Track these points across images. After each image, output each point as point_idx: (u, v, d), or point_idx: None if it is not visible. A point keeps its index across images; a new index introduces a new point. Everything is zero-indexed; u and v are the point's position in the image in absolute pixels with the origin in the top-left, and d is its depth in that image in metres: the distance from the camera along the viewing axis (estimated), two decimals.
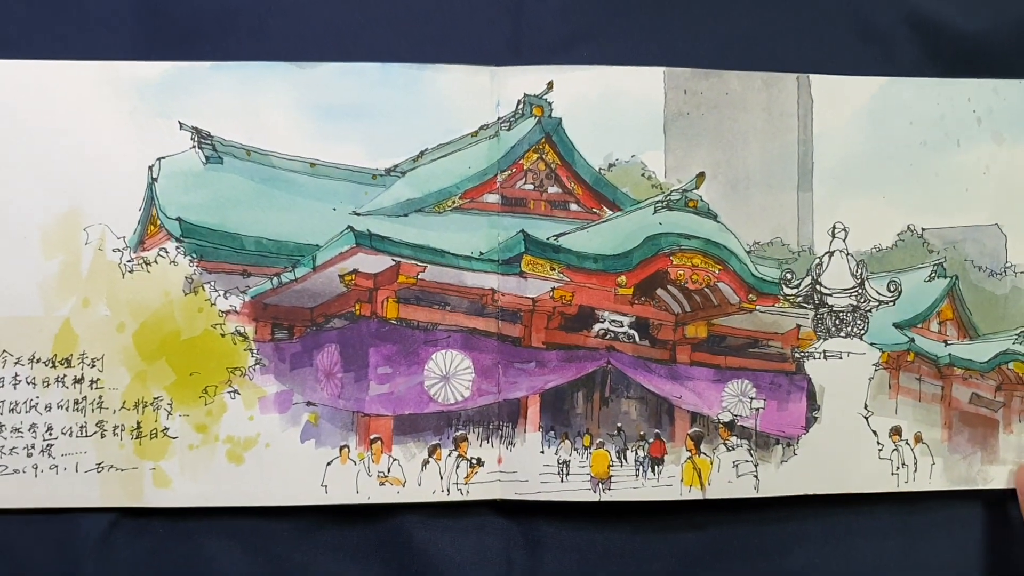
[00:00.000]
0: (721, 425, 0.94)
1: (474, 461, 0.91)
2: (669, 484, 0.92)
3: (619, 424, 0.93)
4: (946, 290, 0.98)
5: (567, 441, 0.92)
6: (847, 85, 0.96)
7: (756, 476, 0.93)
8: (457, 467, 0.91)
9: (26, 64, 0.90)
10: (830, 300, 0.95)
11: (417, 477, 0.90)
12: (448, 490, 0.90)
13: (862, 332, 0.96)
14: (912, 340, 0.97)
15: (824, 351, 0.95)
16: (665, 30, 0.97)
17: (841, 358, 0.95)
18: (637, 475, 0.92)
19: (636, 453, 0.92)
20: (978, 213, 0.97)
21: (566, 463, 0.91)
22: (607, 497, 0.91)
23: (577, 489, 0.91)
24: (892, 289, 0.96)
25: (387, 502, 0.90)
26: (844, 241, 0.95)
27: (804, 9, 0.98)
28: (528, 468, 0.91)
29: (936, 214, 0.97)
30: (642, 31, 0.96)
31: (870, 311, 0.96)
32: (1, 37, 0.92)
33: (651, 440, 0.93)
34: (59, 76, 0.90)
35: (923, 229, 0.97)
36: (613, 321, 0.93)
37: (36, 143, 0.90)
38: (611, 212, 0.94)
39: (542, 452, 0.91)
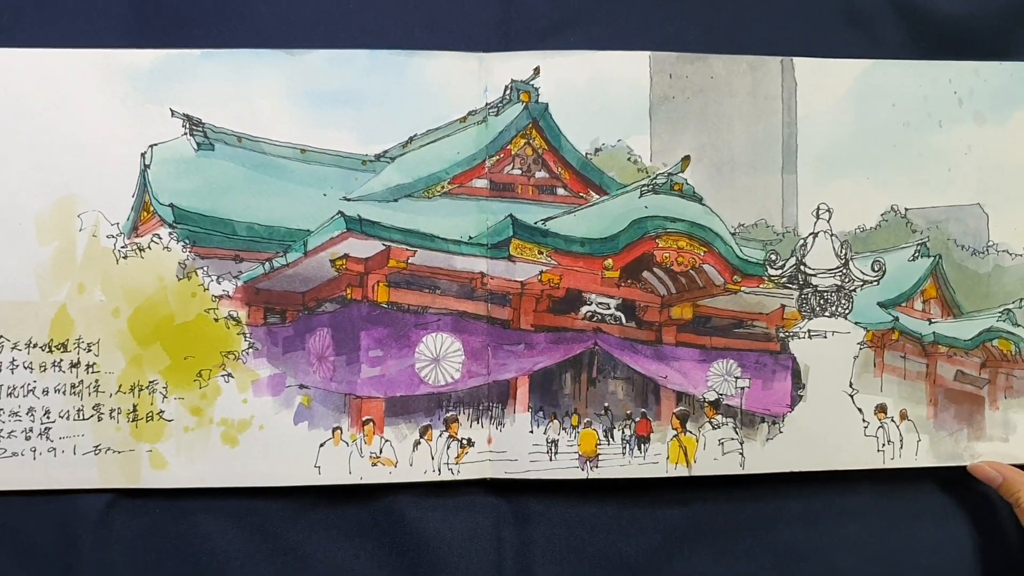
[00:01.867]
0: (707, 404, 0.95)
1: (464, 441, 0.92)
2: (655, 462, 0.93)
3: (606, 404, 0.94)
4: (929, 269, 0.99)
5: (555, 421, 0.93)
6: (831, 68, 0.97)
7: (741, 454, 0.95)
8: (448, 447, 0.92)
9: (19, 52, 0.91)
10: (814, 280, 0.96)
11: (409, 457, 0.92)
12: (439, 470, 0.92)
13: (846, 311, 0.97)
14: (896, 319, 0.98)
15: (809, 330, 0.96)
16: (653, 14, 0.98)
17: (826, 337, 0.96)
18: (624, 453, 0.93)
19: (623, 432, 0.94)
20: (960, 193, 0.98)
21: (554, 442, 0.93)
22: (594, 475, 0.93)
23: (565, 467, 0.92)
24: (876, 269, 0.97)
25: (379, 482, 0.91)
26: (828, 222, 0.96)
27: None
28: (517, 447, 0.92)
29: (919, 194, 0.98)
30: (629, 16, 0.97)
31: (854, 291, 0.97)
32: None
33: (637, 419, 0.94)
34: (52, 64, 0.91)
35: (906, 209, 0.98)
36: (600, 303, 0.94)
37: (29, 131, 0.91)
38: (598, 196, 0.95)
39: (531, 432, 0.92)
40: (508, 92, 0.93)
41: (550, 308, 0.94)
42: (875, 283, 0.98)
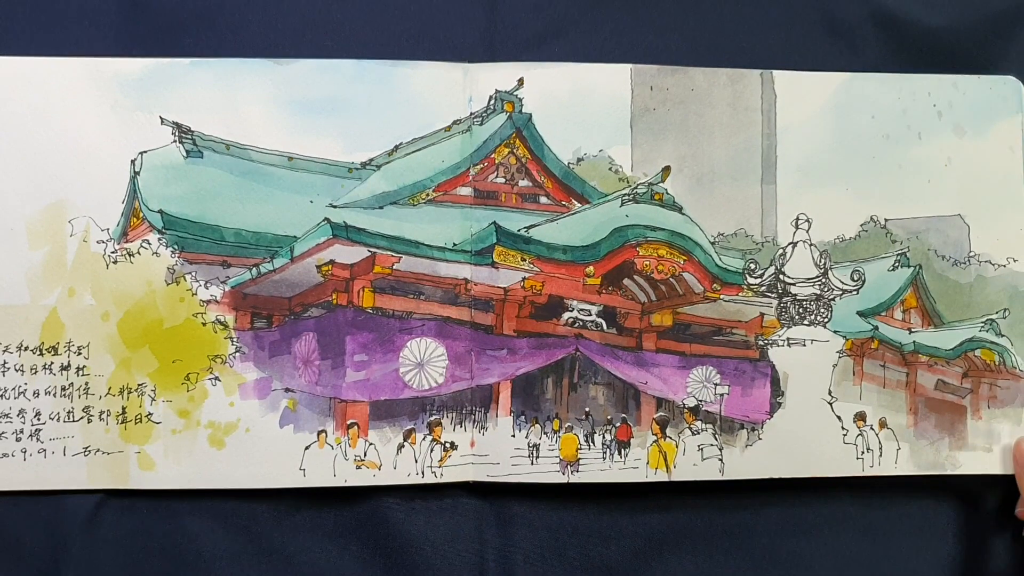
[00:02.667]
0: (686, 410, 0.96)
1: (448, 445, 0.93)
2: (635, 467, 0.95)
3: (587, 409, 0.95)
4: (909, 279, 1.00)
5: (537, 425, 0.94)
6: (810, 80, 0.98)
7: (721, 460, 0.96)
8: (431, 451, 0.93)
9: (10, 60, 0.93)
10: (793, 289, 0.97)
11: (393, 461, 0.93)
12: (423, 473, 0.93)
13: (825, 320, 0.98)
14: (876, 328, 0.99)
15: (788, 338, 0.97)
16: (635, 26, 0.99)
17: (805, 345, 0.97)
18: (604, 458, 0.94)
19: (603, 437, 0.95)
20: (940, 204, 0.99)
21: (536, 446, 0.94)
22: (575, 479, 0.94)
23: (547, 471, 0.94)
24: (855, 278, 0.98)
25: (364, 484, 0.93)
26: (807, 232, 0.97)
27: (771, 5, 1.01)
28: (500, 451, 0.93)
29: (899, 205, 0.99)
30: (612, 28, 0.99)
31: (833, 300, 0.98)
32: None
33: (618, 424, 0.95)
34: (43, 72, 0.93)
35: (886, 220, 0.99)
36: (581, 310, 0.96)
37: (21, 137, 0.92)
38: (580, 205, 0.96)
39: (513, 436, 0.94)
40: (492, 102, 0.95)
41: (532, 314, 0.95)
42: (854, 292, 0.99)
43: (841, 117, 0.98)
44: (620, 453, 0.95)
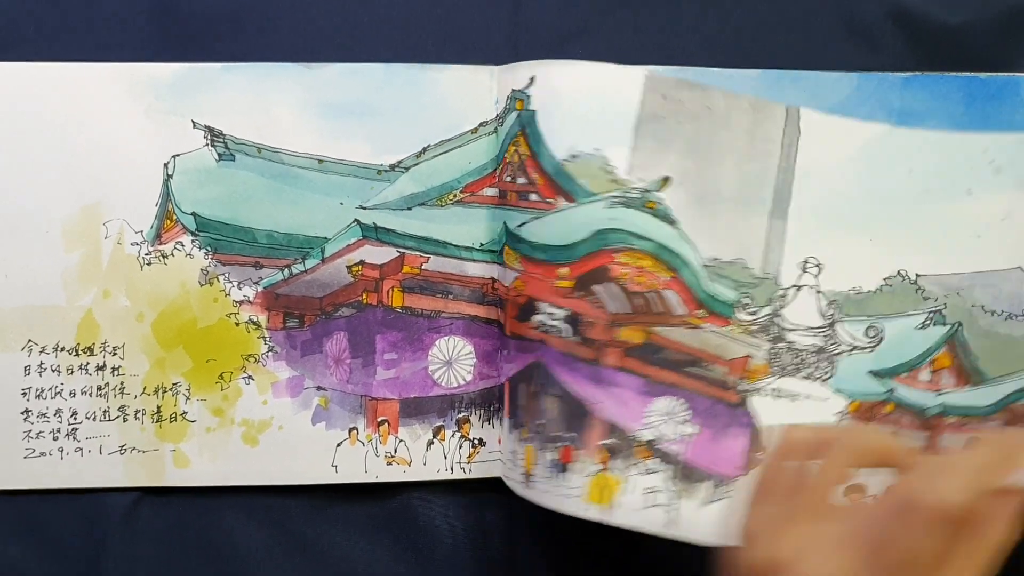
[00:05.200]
0: (641, 443, 0.88)
1: (476, 441, 0.97)
2: (572, 495, 0.88)
3: (541, 421, 0.90)
4: (944, 337, 0.93)
5: (519, 430, 0.94)
6: (840, 126, 0.92)
7: (672, 511, 0.88)
8: (460, 447, 0.96)
9: (45, 66, 0.92)
10: (791, 336, 0.92)
11: (422, 457, 0.96)
12: (452, 469, 0.96)
13: (826, 376, 0.91)
14: (892, 391, 0.92)
15: (775, 389, 0.92)
16: (656, 27, 1.00)
17: (795, 401, 0.92)
18: (551, 477, 0.90)
19: (552, 455, 0.89)
20: (992, 258, 0.91)
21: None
22: (525, 494, 0.91)
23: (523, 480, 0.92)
24: (871, 335, 0.91)
25: (394, 480, 0.96)
26: (816, 278, 0.92)
27: (790, 5, 1.01)
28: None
29: (936, 260, 0.92)
30: (634, 28, 0.99)
31: (839, 355, 0.93)
32: (20, 39, 0.93)
33: (561, 445, 0.89)
34: (77, 77, 0.92)
35: (917, 275, 0.91)
36: (549, 313, 0.92)
37: (56, 142, 0.91)
38: (566, 203, 0.92)
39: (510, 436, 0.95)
40: (509, 101, 0.95)
41: (516, 316, 0.94)
42: (868, 350, 0.91)
43: (872, 168, 0.92)
44: (560, 476, 0.88)
